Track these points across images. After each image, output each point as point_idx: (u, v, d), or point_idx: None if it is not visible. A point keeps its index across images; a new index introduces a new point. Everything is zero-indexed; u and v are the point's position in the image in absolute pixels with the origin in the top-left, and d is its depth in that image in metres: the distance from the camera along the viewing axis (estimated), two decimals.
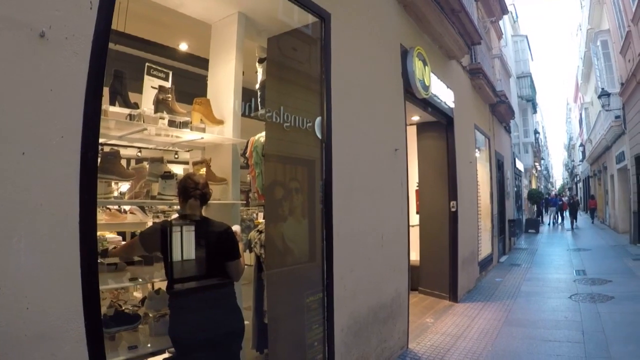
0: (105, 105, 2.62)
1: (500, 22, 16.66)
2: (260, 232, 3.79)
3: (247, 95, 3.66)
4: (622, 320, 6.20)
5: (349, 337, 3.95)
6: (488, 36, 13.52)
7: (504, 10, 15.47)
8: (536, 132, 31.19)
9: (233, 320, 2.74)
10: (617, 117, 15.77)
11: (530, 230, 21.98)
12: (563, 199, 33.80)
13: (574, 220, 22.78)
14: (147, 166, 3.12)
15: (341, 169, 3.86)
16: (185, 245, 2.62)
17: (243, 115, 3.47)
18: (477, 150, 9.81)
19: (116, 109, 2.74)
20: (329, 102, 3.74)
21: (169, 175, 3.02)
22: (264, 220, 3.96)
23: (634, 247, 13.98)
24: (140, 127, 2.81)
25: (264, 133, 3.59)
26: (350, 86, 4.18)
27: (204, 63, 3.79)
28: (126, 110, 2.76)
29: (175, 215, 3.39)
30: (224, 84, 3.51)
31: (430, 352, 5.13)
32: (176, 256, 2.61)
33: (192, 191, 2.65)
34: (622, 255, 12.54)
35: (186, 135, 3.19)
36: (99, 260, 2.45)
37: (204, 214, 2.78)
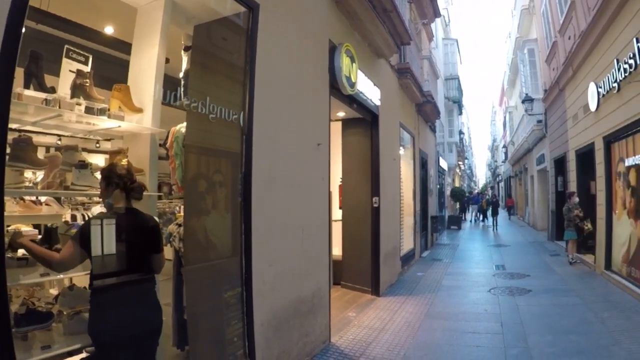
0: (19, 88, 2.55)
1: (432, 25, 17.44)
2: (179, 225, 3.80)
3: (172, 83, 3.65)
4: (539, 312, 6.78)
5: (270, 331, 4.08)
6: (419, 37, 14.11)
7: (437, 14, 16.23)
8: (461, 132, 32.91)
9: (153, 317, 2.78)
10: (539, 121, 17.26)
11: (452, 227, 23.28)
12: (485, 197, 36.01)
13: (496, 218, 24.11)
14: (61, 154, 3.04)
15: (262, 162, 3.96)
16: (113, 238, 2.60)
17: (166, 104, 3.45)
18: (401, 147, 10.35)
19: (31, 92, 2.67)
20: (251, 93, 3.83)
21: (83, 165, 2.99)
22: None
23: (552, 243, 15.35)
24: (56, 113, 2.75)
25: (185, 123, 3.59)
26: (275, 78, 4.30)
27: (128, 48, 3.73)
28: (42, 95, 2.69)
29: (98, 207, 3.33)
30: (145, 71, 3.49)
31: (352, 346, 5.34)
32: (105, 249, 2.59)
33: (130, 183, 2.66)
34: (540, 251, 13.74)
35: (104, 123, 3.15)
36: (8, 255, 2.38)
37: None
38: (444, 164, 22.64)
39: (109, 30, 4.48)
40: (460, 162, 38.04)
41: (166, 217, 4.34)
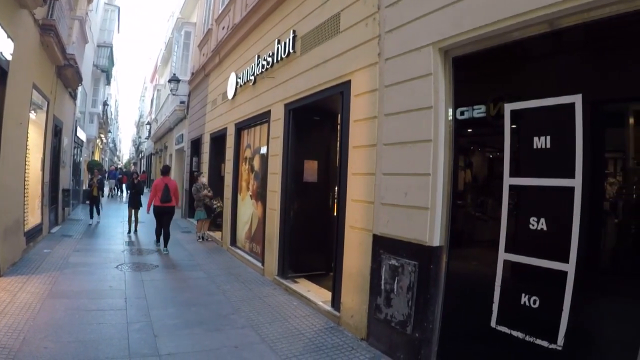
0: None
1: None
2: None
3: None
4: (163, 286, 7.41)
5: None
6: None
7: None
8: (106, 103, 32.02)
9: None
10: (182, 102, 18.69)
11: (88, 202, 22.34)
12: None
13: (136, 214, 17.47)
14: None
15: None
16: None
17: None
18: (32, 112, 9.58)
19: None
20: None
21: None
22: None
23: (185, 221, 16.91)
24: None
25: None
26: None
27: None
28: None
29: None
30: None
31: None
32: None
33: None
34: (173, 228, 14.55)
35: None
36: None
37: None
38: (82, 134, 21.65)
39: None
40: (102, 135, 36.94)
41: None
